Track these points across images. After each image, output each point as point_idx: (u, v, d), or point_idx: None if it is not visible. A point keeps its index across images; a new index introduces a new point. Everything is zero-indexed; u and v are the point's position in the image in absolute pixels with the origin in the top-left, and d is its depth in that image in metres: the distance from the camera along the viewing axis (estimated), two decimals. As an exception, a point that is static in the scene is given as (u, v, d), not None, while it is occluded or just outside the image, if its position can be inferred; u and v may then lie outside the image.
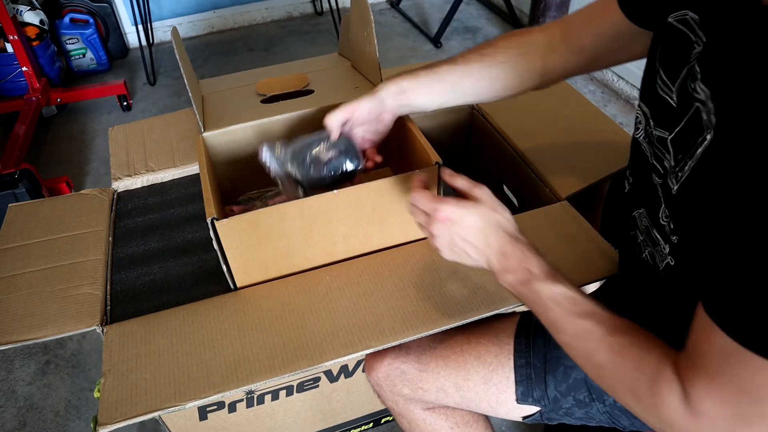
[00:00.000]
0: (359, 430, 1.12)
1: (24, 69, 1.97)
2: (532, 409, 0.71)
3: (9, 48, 1.98)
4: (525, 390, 0.70)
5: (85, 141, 2.08)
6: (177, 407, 0.65)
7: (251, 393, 0.86)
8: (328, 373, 0.90)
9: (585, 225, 0.85)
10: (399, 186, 0.77)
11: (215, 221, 0.70)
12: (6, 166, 1.64)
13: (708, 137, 0.45)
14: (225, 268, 0.77)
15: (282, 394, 0.90)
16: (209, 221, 0.70)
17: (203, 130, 0.95)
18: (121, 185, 1.01)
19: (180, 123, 1.12)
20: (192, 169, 1.04)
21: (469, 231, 0.59)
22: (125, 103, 2.20)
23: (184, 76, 0.89)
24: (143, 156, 1.05)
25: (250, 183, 1.02)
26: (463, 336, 0.74)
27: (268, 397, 0.89)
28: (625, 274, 0.74)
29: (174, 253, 0.89)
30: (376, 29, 0.91)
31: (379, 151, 0.83)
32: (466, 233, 0.60)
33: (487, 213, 0.60)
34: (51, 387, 1.29)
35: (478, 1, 2.94)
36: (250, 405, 0.89)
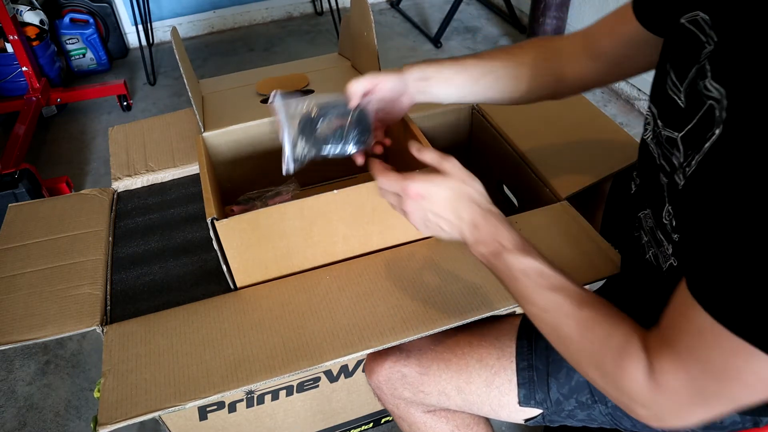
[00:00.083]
0: (359, 430, 1.12)
1: (24, 69, 1.97)
2: (534, 412, 0.71)
3: (9, 48, 1.98)
4: (527, 393, 0.69)
5: (85, 141, 2.08)
6: (177, 407, 0.65)
7: (251, 393, 0.86)
8: (328, 373, 0.90)
9: (585, 225, 0.85)
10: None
11: (215, 221, 0.70)
12: (6, 166, 1.64)
13: (717, 131, 0.45)
14: (225, 268, 0.77)
15: (282, 394, 0.90)
16: (209, 221, 0.70)
17: (203, 130, 0.95)
18: (121, 185, 1.01)
19: (180, 123, 1.12)
20: (192, 169, 1.04)
21: (440, 205, 0.59)
22: (125, 103, 2.20)
23: (184, 76, 0.89)
24: (143, 156, 1.05)
25: (250, 183, 1.02)
26: (465, 338, 0.74)
27: (268, 397, 0.89)
28: (628, 274, 0.74)
29: (174, 253, 0.89)
30: (376, 29, 0.91)
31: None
32: (437, 207, 0.59)
33: (457, 186, 0.59)
34: (51, 387, 1.29)
35: (478, 1, 2.94)
36: (250, 405, 0.89)
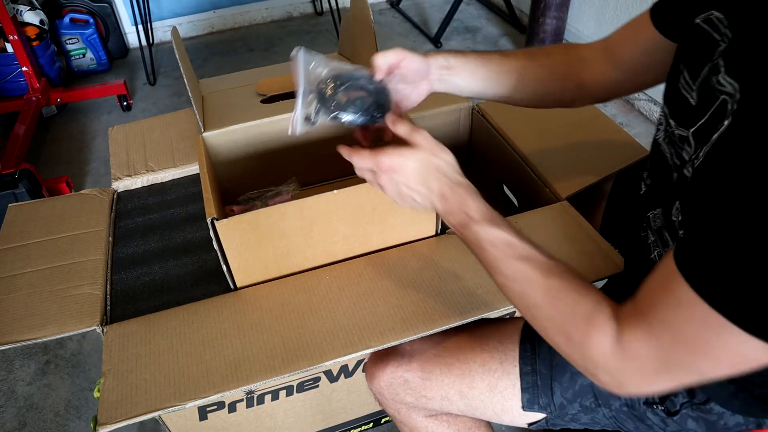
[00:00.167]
0: (359, 430, 1.11)
1: (24, 69, 1.97)
2: (537, 416, 0.71)
3: (9, 48, 1.98)
4: (531, 397, 0.69)
5: (85, 141, 2.08)
6: (177, 407, 0.65)
7: (251, 393, 0.86)
8: (328, 373, 0.90)
9: (585, 225, 0.85)
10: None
11: (215, 221, 0.70)
12: (6, 166, 1.64)
13: (726, 122, 0.45)
14: (225, 268, 0.77)
15: (282, 394, 0.90)
16: (209, 221, 0.70)
17: (203, 130, 0.95)
18: (121, 185, 1.01)
19: (180, 123, 1.12)
20: (192, 169, 1.04)
21: (410, 177, 0.60)
22: (125, 103, 2.20)
23: (184, 76, 0.89)
24: (143, 156, 1.05)
25: (250, 183, 1.02)
26: (467, 343, 0.74)
27: (268, 397, 0.89)
28: (632, 274, 0.74)
29: (174, 253, 0.89)
30: (376, 29, 0.91)
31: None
32: (408, 180, 0.60)
33: (426, 157, 0.60)
34: (51, 387, 1.29)
35: (478, 1, 2.94)
36: (250, 405, 0.89)
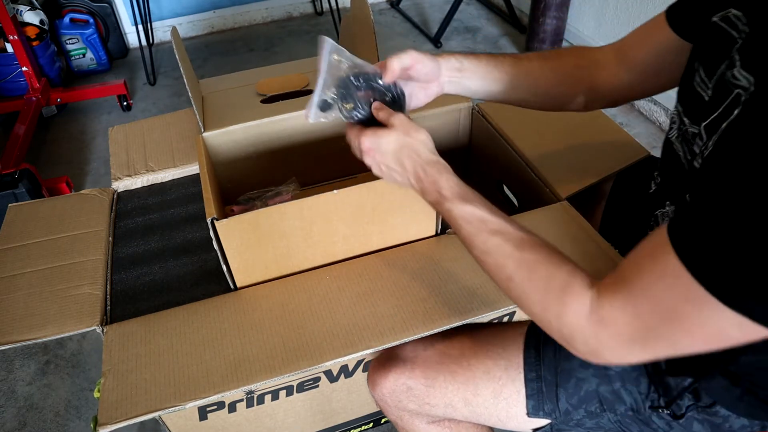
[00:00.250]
0: (359, 430, 1.11)
1: (24, 69, 1.97)
2: (542, 422, 0.71)
3: (9, 48, 1.98)
4: (536, 404, 0.69)
5: (85, 141, 2.08)
6: (177, 407, 0.65)
7: (251, 393, 0.86)
8: (328, 373, 0.90)
9: (585, 225, 0.85)
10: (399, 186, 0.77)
11: (215, 221, 0.70)
12: (6, 166, 1.64)
13: (735, 112, 0.45)
14: (225, 268, 0.77)
15: (282, 394, 0.90)
16: (209, 221, 0.70)
17: (203, 130, 0.95)
18: (121, 185, 1.01)
19: (180, 123, 1.12)
20: (192, 169, 1.04)
21: (387, 157, 0.63)
22: (125, 103, 2.20)
23: (184, 76, 0.89)
24: (143, 156, 1.05)
25: (250, 183, 1.02)
26: (470, 349, 0.73)
27: (268, 397, 0.89)
28: None
29: (174, 253, 0.89)
30: (376, 29, 0.91)
31: None
32: (385, 159, 0.63)
33: (400, 138, 0.62)
34: (51, 387, 1.29)
35: (478, 1, 2.94)
36: (250, 405, 0.89)
